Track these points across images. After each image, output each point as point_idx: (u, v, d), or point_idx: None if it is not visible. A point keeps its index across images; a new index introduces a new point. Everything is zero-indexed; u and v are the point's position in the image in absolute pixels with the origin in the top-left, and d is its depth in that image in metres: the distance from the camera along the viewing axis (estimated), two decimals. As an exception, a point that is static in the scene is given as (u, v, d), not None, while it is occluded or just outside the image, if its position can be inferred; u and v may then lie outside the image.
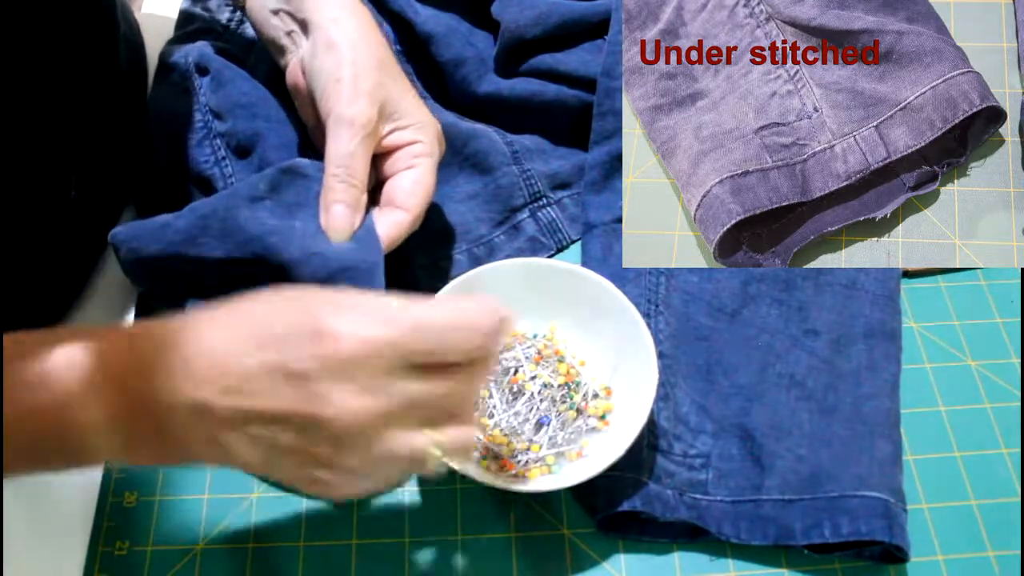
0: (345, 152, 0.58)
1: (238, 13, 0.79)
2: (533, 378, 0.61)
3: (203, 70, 0.71)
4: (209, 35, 0.77)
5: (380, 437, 0.44)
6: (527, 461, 0.59)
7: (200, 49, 0.72)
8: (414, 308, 0.44)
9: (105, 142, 0.68)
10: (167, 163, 0.69)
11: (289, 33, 0.64)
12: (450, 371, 0.45)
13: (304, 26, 0.63)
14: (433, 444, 0.45)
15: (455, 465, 0.52)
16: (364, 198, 0.59)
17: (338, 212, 0.58)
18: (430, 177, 0.61)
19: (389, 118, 0.60)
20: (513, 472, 0.59)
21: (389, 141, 0.61)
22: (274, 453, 0.44)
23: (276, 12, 0.64)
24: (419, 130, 0.61)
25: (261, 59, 0.73)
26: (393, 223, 0.59)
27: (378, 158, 0.61)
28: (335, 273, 0.57)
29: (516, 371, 0.62)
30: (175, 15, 0.81)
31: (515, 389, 0.61)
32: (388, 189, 0.61)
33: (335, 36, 0.60)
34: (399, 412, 0.43)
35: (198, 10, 0.80)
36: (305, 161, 0.61)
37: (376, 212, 0.61)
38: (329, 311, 0.43)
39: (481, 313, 0.45)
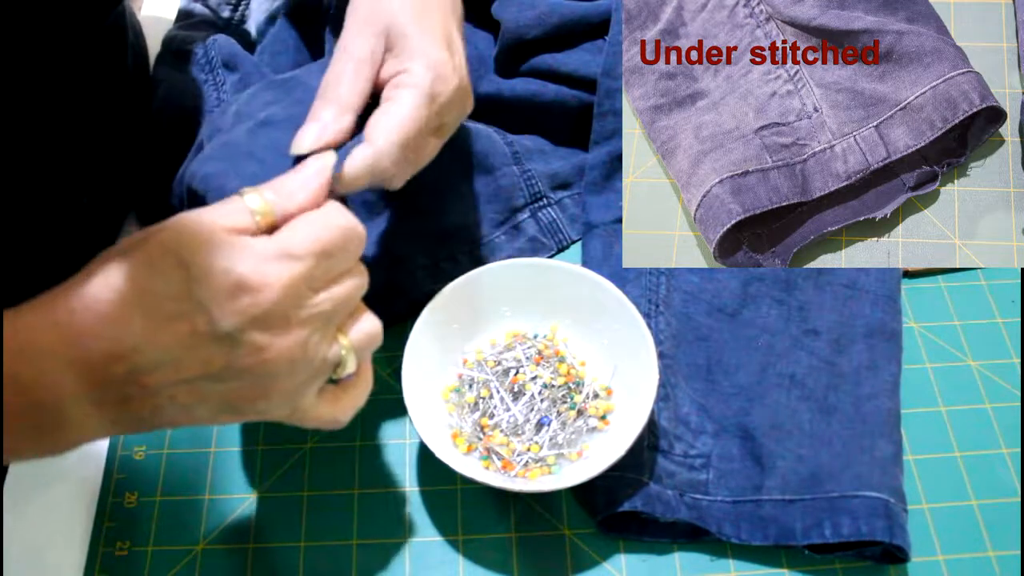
0: (332, 74, 0.55)
1: (239, 12, 0.79)
2: (534, 378, 0.61)
3: (230, 67, 0.70)
4: (211, 28, 0.77)
5: (305, 359, 0.47)
6: (527, 461, 0.59)
7: (230, 46, 0.71)
8: (311, 232, 0.46)
9: (115, 149, 0.69)
10: (172, 157, 0.69)
11: None
12: (339, 275, 0.48)
13: None
14: (346, 346, 0.49)
15: (358, 362, 0.52)
16: (345, 120, 0.54)
17: (309, 129, 0.54)
18: (404, 110, 0.53)
19: (388, 47, 0.55)
20: (513, 472, 0.59)
21: (384, 71, 0.56)
22: (200, 404, 0.46)
23: None
24: (410, 58, 0.55)
25: (263, 60, 0.73)
26: (352, 158, 0.53)
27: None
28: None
29: (517, 371, 0.62)
30: (174, 16, 0.81)
31: (516, 389, 0.61)
32: (367, 124, 0.56)
33: None
34: (317, 332, 0.47)
35: (199, 7, 0.80)
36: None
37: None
38: (237, 256, 0.44)
39: (353, 221, 0.48)
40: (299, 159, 0.53)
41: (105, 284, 0.44)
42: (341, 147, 0.53)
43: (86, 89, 0.64)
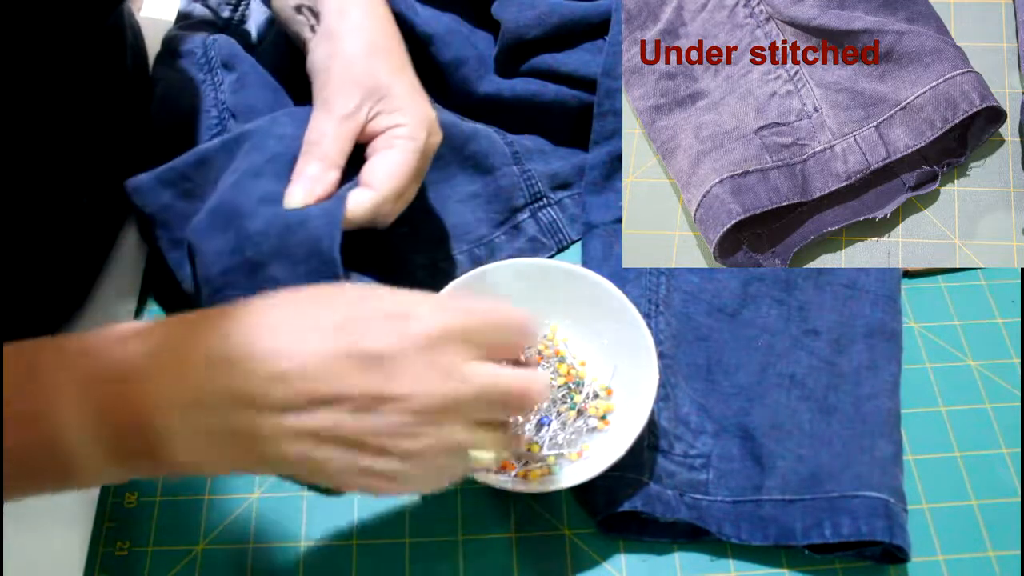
0: (318, 130, 0.59)
1: (239, 12, 0.79)
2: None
3: (229, 67, 0.71)
4: (211, 28, 0.77)
5: (443, 424, 0.44)
6: (528, 461, 0.59)
7: (230, 47, 0.71)
8: (483, 305, 0.47)
9: (114, 150, 0.69)
10: (169, 156, 0.69)
11: (312, 27, 0.65)
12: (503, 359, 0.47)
13: (319, 18, 0.64)
14: (486, 441, 0.47)
15: (485, 465, 0.50)
16: (331, 176, 0.59)
17: (299, 184, 0.58)
18: (404, 158, 0.59)
19: (375, 104, 0.60)
20: (513, 472, 0.59)
21: (372, 126, 0.60)
22: (326, 445, 0.43)
23: (298, 8, 0.65)
24: (404, 114, 0.60)
25: (264, 61, 0.73)
26: (354, 200, 0.58)
27: (366, 145, 0.61)
28: (292, 224, 0.57)
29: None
30: (174, 17, 0.81)
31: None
32: (363, 170, 0.60)
33: (335, 25, 0.61)
34: (468, 399, 0.45)
35: (199, 8, 0.80)
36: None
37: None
38: (406, 298, 0.45)
39: (525, 317, 0.48)
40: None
41: (249, 309, 0.45)
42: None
43: (86, 89, 0.64)
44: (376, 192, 0.58)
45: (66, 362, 0.44)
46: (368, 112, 0.60)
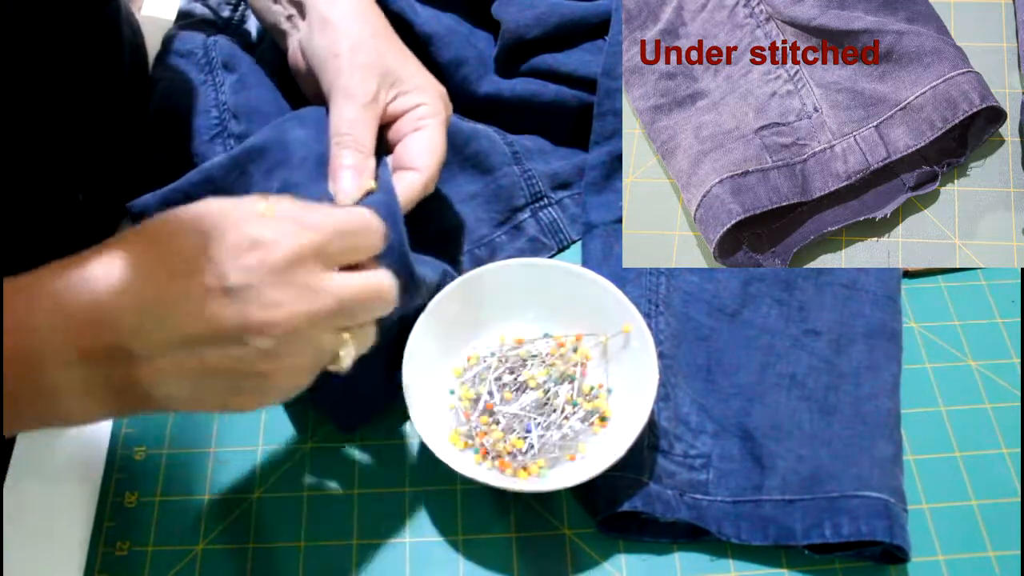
0: (347, 119, 0.59)
1: (239, 12, 0.79)
2: (534, 377, 0.61)
3: (229, 67, 0.71)
4: (211, 28, 0.77)
5: (311, 336, 0.46)
6: (527, 461, 0.59)
7: (231, 47, 0.71)
8: (329, 213, 0.48)
9: (111, 147, 0.69)
10: (168, 156, 0.69)
11: (289, 17, 0.65)
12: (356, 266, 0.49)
13: (301, 8, 0.64)
14: (346, 339, 0.48)
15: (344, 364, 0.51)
16: (371, 163, 0.59)
17: (345, 177, 0.58)
18: (438, 137, 0.60)
19: (391, 86, 0.60)
20: (513, 472, 0.59)
21: (393, 108, 0.61)
22: (202, 378, 0.45)
23: None
24: (422, 93, 0.61)
25: (264, 60, 0.73)
26: (406, 184, 0.59)
27: (385, 128, 0.61)
28: None
29: (517, 371, 0.62)
30: (175, 17, 0.81)
31: (516, 389, 0.61)
32: (397, 153, 0.60)
33: (329, 13, 0.61)
34: (328, 312, 0.46)
35: (199, 7, 0.80)
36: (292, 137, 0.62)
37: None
38: (255, 222, 0.45)
39: (375, 218, 0.50)
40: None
41: (111, 253, 0.45)
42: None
43: (81, 84, 0.64)
44: (421, 174, 0.59)
45: (44, 301, 0.45)
46: (386, 95, 0.60)
